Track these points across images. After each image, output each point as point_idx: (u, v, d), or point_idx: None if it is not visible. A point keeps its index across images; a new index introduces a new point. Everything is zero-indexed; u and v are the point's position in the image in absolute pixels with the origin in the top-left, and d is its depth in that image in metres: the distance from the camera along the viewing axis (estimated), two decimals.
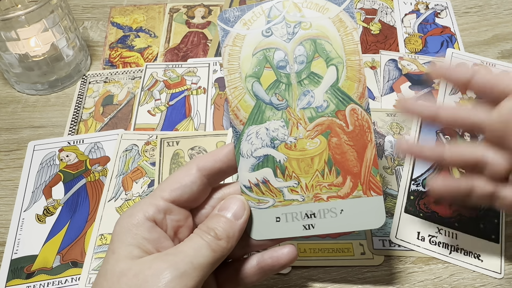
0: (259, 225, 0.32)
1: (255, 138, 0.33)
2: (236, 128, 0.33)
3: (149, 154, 0.50)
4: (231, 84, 0.33)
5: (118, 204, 0.46)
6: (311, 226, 0.32)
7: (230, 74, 0.33)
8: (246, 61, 0.33)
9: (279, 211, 0.32)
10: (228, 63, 0.33)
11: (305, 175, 0.32)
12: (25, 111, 0.55)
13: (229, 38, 0.33)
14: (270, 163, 0.33)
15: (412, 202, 0.45)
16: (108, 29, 0.65)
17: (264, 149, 0.33)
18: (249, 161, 0.33)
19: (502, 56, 0.60)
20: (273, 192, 0.32)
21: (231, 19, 0.33)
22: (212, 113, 0.54)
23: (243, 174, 0.33)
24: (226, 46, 0.33)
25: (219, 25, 0.33)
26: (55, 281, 0.41)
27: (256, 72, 0.33)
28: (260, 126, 0.33)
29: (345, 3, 0.32)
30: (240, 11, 0.33)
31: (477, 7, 0.67)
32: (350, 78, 0.32)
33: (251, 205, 0.33)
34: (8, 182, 0.49)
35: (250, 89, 0.33)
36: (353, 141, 0.32)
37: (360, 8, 0.67)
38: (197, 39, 0.63)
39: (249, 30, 0.33)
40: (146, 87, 0.57)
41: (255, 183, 0.33)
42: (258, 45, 0.33)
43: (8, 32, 0.50)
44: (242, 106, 0.33)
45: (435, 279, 0.41)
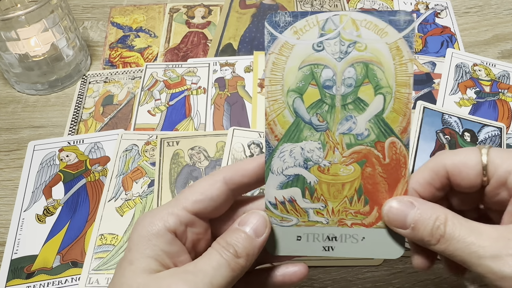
0: (279, 241, 0.32)
1: (289, 156, 0.32)
2: (269, 143, 0.31)
3: (149, 154, 0.50)
4: (271, 96, 0.31)
5: (118, 204, 0.46)
6: (331, 248, 0.32)
7: (271, 85, 0.31)
8: (291, 74, 0.31)
9: (301, 231, 0.32)
10: (270, 73, 0.31)
11: (333, 200, 0.32)
12: (25, 111, 0.55)
13: (276, 45, 0.30)
14: (299, 183, 0.32)
15: None
16: (108, 29, 0.65)
17: (296, 168, 0.32)
18: (279, 178, 0.32)
19: (502, 56, 0.60)
20: (298, 211, 0.32)
21: (281, 24, 0.30)
22: (212, 113, 0.54)
23: (270, 191, 0.32)
24: (271, 54, 0.30)
25: (267, 28, 0.30)
26: (55, 281, 0.41)
27: (300, 88, 0.31)
28: (296, 145, 0.31)
29: (406, 30, 0.30)
30: (293, 17, 0.30)
31: (477, 7, 0.67)
32: (396, 110, 0.31)
33: (273, 221, 0.32)
34: (8, 182, 0.49)
35: (291, 104, 0.31)
36: (387, 174, 0.31)
37: (360, 8, 0.67)
38: (197, 39, 0.63)
39: (299, 40, 0.30)
40: (146, 87, 0.57)
41: (281, 201, 0.32)
42: (307, 59, 0.30)
43: (8, 32, 0.50)
44: (280, 121, 0.31)
45: (435, 279, 0.41)
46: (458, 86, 0.56)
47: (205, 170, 0.48)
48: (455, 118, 0.51)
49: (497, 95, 0.55)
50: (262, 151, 0.49)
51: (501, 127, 0.51)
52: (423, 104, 0.53)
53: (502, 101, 0.54)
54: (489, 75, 0.57)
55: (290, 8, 0.67)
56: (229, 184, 0.31)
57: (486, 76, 0.57)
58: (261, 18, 0.66)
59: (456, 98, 0.55)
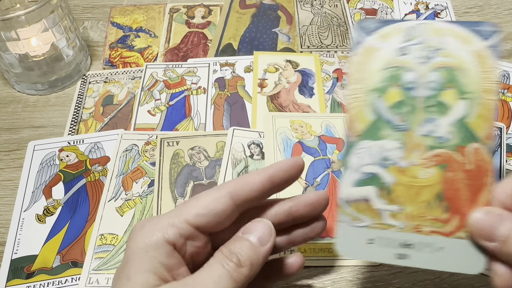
0: (349, 242, 0.31)
1: (367, 153, 0.31)
2: (349, 139, 0.31)
3: (149, 154, 0.50)
4: (353, 94, 0.32)
5: (118, 204, 0.46)
6: (405, 257, 0.30)
7: (354, 83, 0.32)
8: (374, 75, 0.31)
9: (374, 233, 0.31)
10: (354, 71, 0.32)
11: (410, 203, 0.30)
12: (25, 111, 0.55)
13: (362, 47, 0.32)
14: (375, 182, 0.31)
15: None
16: (108, 29, 0.65)
17: (373, 166, 0.31)
18: (355, 175, 0.31)
19: (502, 56, 0.60)
20: (372, 212, 0.31)
21: (368, 29, 0.32)
22: (212, 113, 0.54)
23: (345, 187, 0.31)
24: (356, 55, 0.32)
25: (355, 31, 0.33)
26: (55, 281, 0.41)
27: (382, 88, 0.31)
28: (375, 143, 0.31)
29: (491, 39, 0.31)
30: (380, 23, 0.32)
31: (477, 7, 0.67)
32: (481, 116, 0.30)
33: (344, 220, 0.31)
34: (8, 182, 0.49)
35: (372, 103, 0.31)
36: (470, 180, 0.30)
37: (360, 8, 0.67)
38: (197, 39, 0.63)
39: (384, 44, 0.32)
40: (146, 87, 0.57)
41: (355, 199, 0.31)
42: (390, 62, 0.31)
43: (8, 32, 0.50)
44: (360, 118, 0.31)
45: (435, 279, 0.41)
46: None
47: (205, 170, 0.48)
48: None
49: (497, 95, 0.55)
50: (262, 151, 0.50)
51: (501, 127, 0.51)
52: None
53: (502, 101, 0.54)
54: None
55: (290, 8, 0.67)
56: (235, 199, 0.30)
57: None
58: (261, 18, 0.66)
59: None
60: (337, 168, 0.48)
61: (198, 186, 0.47)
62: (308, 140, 0.50)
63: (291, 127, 0.51)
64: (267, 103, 0.55)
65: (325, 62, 0.59)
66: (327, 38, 0.63)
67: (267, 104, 0.55)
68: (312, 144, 0.50)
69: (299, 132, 0.51)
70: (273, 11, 0.67)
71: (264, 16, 0.66)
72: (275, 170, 0.31)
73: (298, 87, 0.56)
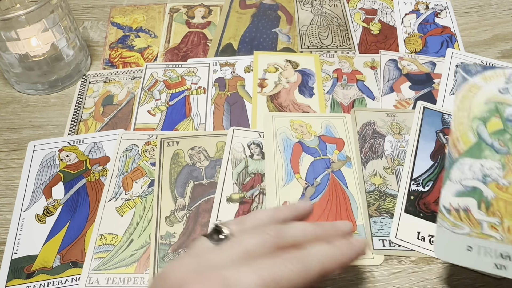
0: (449, 247, 0.34)
1: (468, 169, 0.36)
2: (451, 155, 0.37)
3: (149, 154, 0.50)
4: (458, 119, 0.38)
5: (118, 204, 0.46)
6: (503, 267, 0.33)
7: (459, 111, 0.38)
8: (477, 106, 0.38)
9: (473, 241, 0.34)
10: (459, 102, 0.39)
11: (509, 218, 0.34)
12: (25, 111, 0.55)
13: (466, 84, 0.40)
14: (476, 195, 0.35)
15: (412, 202, 0.45)
16: (108, 29, 0.65)
17: (474, 181, 0.36)
18: (456, 187, 0.36)
19: (502, 56, 0.60)
20: (472, 221, 0.34)
21: (472, 71, 0.40)
22: (212, 113, 0.54)
23: (446, 196, 0.35)
24: (462, 90, 0.40)
25: (460, 73, 0.40)
26: (55, 281, 0.41)
27: (484, 117, 0.38)
28: (476, 161, 0.36)
29: None
30: (483, 68, 0.40)
31: (477, 7, 0.67)
32: None
33: (445, 226, 0.35)
34: (8, 182, 0.49)
35: (475, 128, 0.38)
36: None
37: (360, 8, 0.67)
38: (197, 39, 0.63)
39: (486, 83, 0.39)
40: (146, 87, 0.57)
41: (455, 208, 0.35)
42: (492, 98, 0.39)
43: (8, 32, 0.50)
44: (463, 139, 0.37)
45: (435, 279, 0.41)
46: None
47: (205, 170, 0.48)
48: None
49: None
50: (262, 151, 0.49)
51: None
52: (423, 104, 0.53)
53: None
54: None
55: (290, 8, 0.67)
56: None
57: None
58: (261, 18, 0.66)
59: None
60: (337, 168, 0.48)
61: (198, 186, 0.47)
62: (308, 140, 0.50)
63: (291, 127, 0.51)
64: (267, 103, 0.55)
65: (325, 62, 0.59)
66: (327, 38, 0.63)
67: (267, 104, 0.55)
68: (312, 144, 0.50)
69: (299, 132, 0.51)
70: (273, 11, 0.67)
71: (264, 16, 0.66)
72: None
73: (298, 87, 0.56)
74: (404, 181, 0.46)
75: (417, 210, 0.44)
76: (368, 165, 0.48)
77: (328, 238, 0.33)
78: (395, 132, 0.51)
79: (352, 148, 0.50)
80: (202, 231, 0.44)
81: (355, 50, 0.61)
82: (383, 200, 0.45)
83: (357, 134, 0.51)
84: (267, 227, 0.32)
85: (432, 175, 0.47)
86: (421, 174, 0.47)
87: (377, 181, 0.47)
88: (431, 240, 0.43)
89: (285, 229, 0.32)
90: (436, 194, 0.45)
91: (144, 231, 0.44)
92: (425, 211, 0.44)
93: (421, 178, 0.47)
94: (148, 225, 0.44)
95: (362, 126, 0.51)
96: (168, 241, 0.43)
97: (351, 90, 0.56)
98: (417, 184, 0.46)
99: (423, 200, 0.45)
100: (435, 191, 0.46)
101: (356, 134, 0.51)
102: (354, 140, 0.50)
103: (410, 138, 0.50)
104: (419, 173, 0.47)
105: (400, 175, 0.47)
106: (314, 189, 0.46)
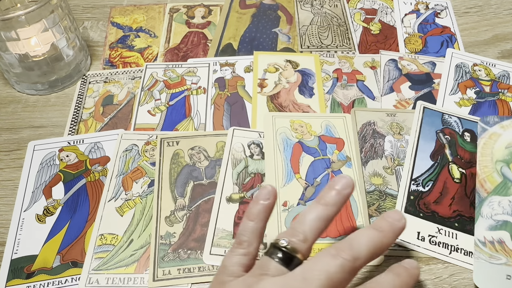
0: (489, 277, 0.38)
1: (497, 205, 0.41)
2: (480, 194, 0.42)
3: (149, 154, 0.50)
4: (482, 163, 0.44)
5: (118, 204, 0.46)
6: None
7: (482, 156, 0.44)
8: (499, 151, 0.44)
9: (511, 270, 0.38)
10: (482, 149, 0.45)
11: None
12: (25, 111, 0.55)
13: (486, 134, 0.46)
14: (508, 228, 0.40)
15: (412, 202, 0.45)
16: (108, 29, 0.65)
17: (505, 215, 0.40)
18: (488, 222, 0.40)
19: (502, 56, 0.60)
20: (507, 252, 0.39)
21: (490, 122, 0.47)
22: (212, 113, 0.54)
23: (480, 231, 0.40)
24: (482, 138, 0.46)
25: (480, 124, 0.47)
26: (55, 281, 0.41)
27: (506, 160, 0.44)
28: (504, 198, 0.41)
29: None
30: (500, 119, 0.47)
31: (477, 7, 0.67)
32: None
33: (482, 257, 0.39)
34: (8, 182, 0.49)
35: (499, 170, 0.43)
36: None
37: (360, 8, 0.67)
38: (197, 39, 0.63)
39: (505, 131, 0.46)
40: (146, 87, 0.57)
41: (490, 240, 0.39)
42: (511, 143, 0.45)
43: (8, 32, 0.50)
44: (489, 180, 0.43)
45: (435, 279, 0.41)
46: (458, 86, 0.56)
47: (205, 170, 0.48)
48: (455, 118, 0.51)
49: (497, 95, 0.55)
50: (262, 151, 0.49)
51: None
52: (423, 104, 0.53)
53: (502, 101, 0.54)
54: (489, 75, 0.57)
55: (290, 8, 0.67)
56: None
57: (486, 76, 0.57)
58: (261, 18, 0.66)
59: (456, 98, 0.55)
60: (337, 168, 0.48)
61: (198, 186, 0.47)
62: (308, 140, 0.50)
63: (291, 127, 0.51)
64: (267, 103, 0.55)
65: (325, 62, 0.59)
66: (327, 38, 0.63)
67: (267, 104, 0.55)
68: (312, 144, 0.50)
69: (299, 132, 0.51)
70: (273, 11, 0.67)
71: (264, 16, 0.66)
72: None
73: (298, 87, 0.56)
74: (404, 181, 0.46)
75: (417, 210, 0.44)
76: (368, 165, 0.48)
77: (384, 242, 0.32)
78: (395, 132, 0.51)
79: (352, 148, 0.50)
80: (202, 231, 0.44)
81: (355, 50, 0.61)
82: (383, 200, 0.45)
83: (357, 134, 0.51)
84: (337, 247, 0.31)
85: (432, 175, 0.47)
86: (421, 174, 0.47)
87: (377, 181, 0.47)
88: (431, 240, 0.43)
89: (356, 247, 0.31)
90: (436, 194, 0.45)
91: (144, 231, 0.44)
92: (425, 211, 0.44)
93: (421, 178, 0.47)
94: (148, 225, 0.44)
95: (362, 126, 0.51)
96: (168, 241, 0.43)
97: (351, 90, 0.56)
98: (417, 184, 0.46)
99: (423, 200, 0.45)
100: (435, 191, 0.46)
101: (356, 134, 0.51)
102: (354, 140, 0.50)
103: (410, 138, 0.50)
104: (419, 173, 0.47)
105: (400, 175, 0.47)
106: (314, 189, 0.46)
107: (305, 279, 0.29)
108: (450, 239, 0.43)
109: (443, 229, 0.43)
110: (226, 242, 0.43)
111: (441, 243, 0.42)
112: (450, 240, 0.43)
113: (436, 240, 0.43)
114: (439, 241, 0.43)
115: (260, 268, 0.31)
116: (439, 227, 0.43)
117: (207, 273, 0.41)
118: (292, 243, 0.32)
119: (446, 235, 0.43)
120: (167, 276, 0.41)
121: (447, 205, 0.45)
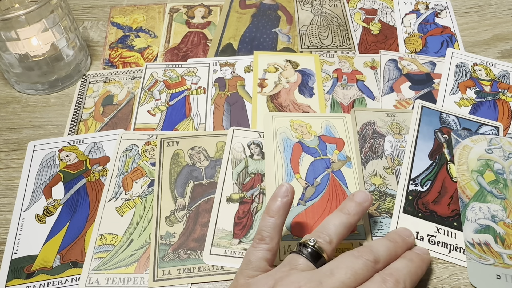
0: (482, 277, 0.40)
1: (479, 211, 0.43)
2: (462, 200, 0.44)
3: (149, 154, 0.50)
4: (460, 171, 0.46)
5: (118, 204, 0.46)
6: None
7: (459, 165, 0.46)
8: (473, 161, 0.47)
9: (499, 271, 0.40)
10: (459, 158, 0.47)
11: None
12: (25, 111, 0.55)
13: (460, 145, 0.48)
14: (491, 232, 0.42)
15: (410, 202, 0.45)
16: (108, 29, 0.65)
17: (486, 220, 0.43)
18: (473, 225, 0.42)
19: (502, 56, 0.60)
20: (494, 253, 0.41)
21: (462, 135, 0.49)
22: (212, 113, 0.54)
23: (468, 233, 0.42)
24: (457, 149, 0.48)
25: (453, 136, 0.49)
26: (55, 281, 0.41)
27: (480, 170, 0.46)
28: (483, 204, 0.44)
29: None
30: (469, 133, 0.49)
31: (477, 7, 0.67)
32: None
33: (473, 258, 0.41)
34: (8, 182, 0.49)
35: (475, 179, 0.45)
36: None
37: (360, 8, 0.67)
38: (197, 39, 0.63)
39: (475, 145, 0.48)
40: (146, 87, 0.57)
41: (477, 243, 0.41)
42: (482, 156, 0.47)
43: (8, 32, 0.50)
44: (469, 187, 0.45)
45: (435, 279, 0.41)
46: (458, 86, 0.56)
47: (205, 170, 0.48)
48: (453, 117, 0.51)
49: (497, 95, 0.55)
50: (262, 151, 0.50)
51: (499, 127, 0.51)
52: (421, 103, 0.53)
53: (502, 101, 0.54)
54: (489, 75, 0.57)
55: (290, 8, 0.67)
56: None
57: (486, 76, 0.57)
58: (261, 18, 0.66)
59: (456, 98, 0.55)
60: (337, 168, 0.48)
61: (198, 186, 0.47)
62: (308, 140, 0.50)
63: (291, 127, 0.51)
64: (267, 103, 0.55)
65: (325, 62, 0.60)
66: (327, 38, 0.63)
67: (267, 104, 0.55)
68: (312, 144, 0.50)
69: (299, 132, 0.51)
70: (273, 11, 0.67)
71: (264, 16, 0.66)
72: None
73: (298, 87, 0.57)
74: (403, 181, 0.46)
75: (415, 210, 0.45)
76: (368, 165, 0.48)
77: (398, 251, 0.38)
78: (395, 132, 0.51)
79: (352, 148, 0.50)
80: (202, 231, 0.44)
81: (355, 50, 0.61)
82: (383, 200, 0.45)
83: (357, 134, 0.51)
84: (358, 250, 0.36)
85: (430, 175, 0.47)
86: (419, 174, 0.47)
87: (377, 181, 0.47)
88: (430, 239, 0.43)
89: (376, 252, 0.36)
90: (435, 194, 0.46)
91: (144, 231, 0.44)
92: (424, 211, 0.44)
93: (420, 178, 0.47)
94: (148, 225, 0.44)
95: (362, 126, 0.51)
96: (168, 241, 0.43)
97: (351, 90, 0.56)
98: (416, 184, 0.46)
99: (421, 200, 0.45)
100: (433, 191, 0.46)
101: (356, 134, 0.51)
102: (354, 140, 0.50)
103: (409, 138, 0.50)
104: (418, 172, 0.47)
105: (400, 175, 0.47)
106: (314, 189, 0.46)
107: (333, 274, 0.33)
108: (449, 238, 0.43)
109: (442, 228, 0.43)
110: (226, 242, 0.43)
111: (440, 243, 0.42)
112: (449, 240, 0.43)
113: (435, 240, 0.43)
114: (438, 240, 0.43)
115: (289, 263, 0.35)
116: (438, 227, 0.43)
117: (207, 273, 0.41)
118: (319, 243, 0.35)
119: (445, 235, 0.43)
120: (167, 276, 0.41)
121: (446, 205, 0.45)
